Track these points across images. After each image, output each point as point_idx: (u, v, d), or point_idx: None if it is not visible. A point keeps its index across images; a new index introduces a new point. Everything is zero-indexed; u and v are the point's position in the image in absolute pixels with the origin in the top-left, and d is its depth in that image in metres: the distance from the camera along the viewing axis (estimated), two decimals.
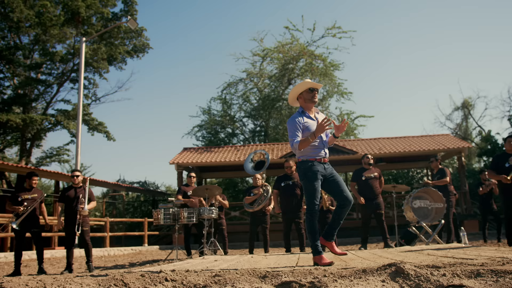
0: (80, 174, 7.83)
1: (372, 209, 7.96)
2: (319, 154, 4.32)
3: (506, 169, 6.61)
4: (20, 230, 7.31)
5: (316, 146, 4.31)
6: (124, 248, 15.44)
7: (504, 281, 2.57)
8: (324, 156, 4.35)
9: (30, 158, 21.11)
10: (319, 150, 4.32)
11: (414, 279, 2.69)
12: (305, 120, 4.33)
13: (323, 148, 4.36)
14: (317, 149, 4.32)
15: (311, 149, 4.30)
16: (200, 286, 2.88)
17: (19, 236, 7.44)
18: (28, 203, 7.38)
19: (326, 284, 2.75)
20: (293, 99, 4.58)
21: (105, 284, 2.98)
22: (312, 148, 4.31)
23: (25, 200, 7.40)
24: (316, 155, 4.31)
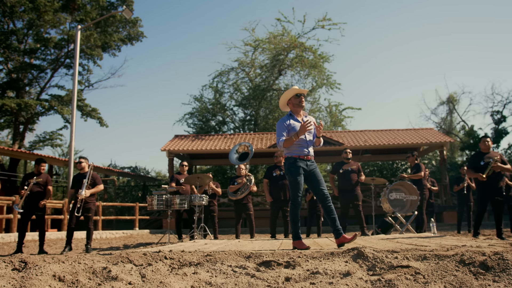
0: (84, 160, 8.19)
1: (351, 200, 8.55)
2: (303, 152, 4.86)
3: (481, 167, 7.22)
4: (25, 212, 7.73)
5: (300, 145, 4.86)
6: (115, 232, 15.95)
7: (443, 262, 3.15)
8: (307, 154, 4.88)
9: (23, 141, 21.44)
10: (302, 148, 4.87)
11: (372, 261, 3.27)
12: (291, 122, 4.89)
13: (307, 147, 4.90)
14: (301, 147, 4.87)
15: (296, 147, 4.86)
16: (194, 263, 3.43)
17: (23, 218, 7.88)
18: (32, 187, 7.80)
19: (299, 263, 3.32)
20: (283, 105, 5.13)
21: (113, 260, 3.52)
22: (297, 146, 4.86)
23: (29, 184, 7.82)
24: (300, 153, 4.86)
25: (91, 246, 8.17)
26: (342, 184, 8.67)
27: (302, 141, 4.87)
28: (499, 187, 7.11)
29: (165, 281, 2.92)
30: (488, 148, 7.34)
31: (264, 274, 3.10)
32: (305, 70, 25.71)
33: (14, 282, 2.89)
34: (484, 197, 7.24)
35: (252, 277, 3.03)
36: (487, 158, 7.24)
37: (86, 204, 7.85)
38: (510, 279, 2.77)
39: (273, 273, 3.15)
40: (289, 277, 3.00)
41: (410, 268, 3.07)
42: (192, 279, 3.05)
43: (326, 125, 26.88)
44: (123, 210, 24.60)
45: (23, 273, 3.07)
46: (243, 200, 9.03)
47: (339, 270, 3.08)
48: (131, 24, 21.17)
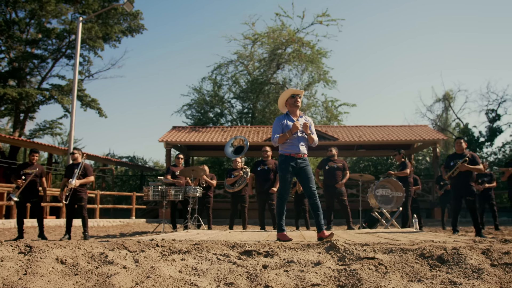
0: (77, 152, 8.53)
1: (335, 195, 8.93)
2: (294, 150, 5.22)
3: (451, 167, 7.64)
4: (20, 200, 8.11)
5: (291, 144, 5.22)
6: (113, 220, 16.34)
7: (406, 255, 3.52)
8: (298, 152, 5.23)
9: (23, 130, 21.76)
10: (293, 147, 5.23)
11: (342, 252, 3.64)
12: (286, 122, 5.24)
13: (298, 146, 5.24)
14: (292, 146, 5.23)
15: (287, 146, 5.23)
16: (183, 251, 3.79)
17: (19, 206, 8.25)
18: (27, 177, 8.17)
19: (277, 253, 3.69)
20: (282, 106, 5.50)
21: (110, 247, 3.88)
22: (288, 145, 5.22)
23: (25, 174, 8.19)
24: (292, 151, 5.22)
25: (89, 234, 8.52)
26: (327, 180, 9.04)
27: (294, 140, 5.23)
28: (467, 187, 7.47)
29: (155, 265, 3.28)
30: (462, 149, 7.71)
31: (244, 262, 3.47)
32: (303, 65, 25.99)
33: (21, 263, 3.24)
34: (456, 196, 7.64)
35: (234, 264, 3.39)
36: (456, 159, 7.64)
37: (78, 193, 8.18)
38: (461, 271, 3.14)
39: (252, 261, 3.51)
40: (266, 265, 3.36)
41: (375, 259, 3.43)
42: (180, 264, 3.41)
43: (322, 120, 27.21)
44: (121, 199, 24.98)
45: (29, 256, 3.42)
46: (240, 192, 9.36)
47: (311, 259, 3.45)
48: (132, 16, 21.42)
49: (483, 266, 3.18)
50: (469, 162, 7.53)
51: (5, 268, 3.10)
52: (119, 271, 3.14)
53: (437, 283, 2.87)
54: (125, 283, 2.92)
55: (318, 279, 3.02)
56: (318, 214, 5.14)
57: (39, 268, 3.15)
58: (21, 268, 3.16)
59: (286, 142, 5.22)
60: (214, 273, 3.22)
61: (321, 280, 3.00)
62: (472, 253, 3.45)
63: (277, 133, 5.23)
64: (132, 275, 3.08)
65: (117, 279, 2.95)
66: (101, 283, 2.90)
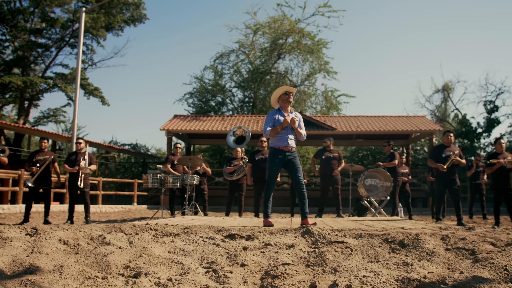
0: (83, 141, 8.93)
1: (331, 183, 9.30)
2: (283, 143, 5.61)
3: (442, 159, 7.97)
4: (34, 186, 8.51)
5: (281, 137, 5.62)
6: (115, 206, 16.82)
7: (372, 240, 3.92)
8: (286, 145, 5.62)
9: (28, 117, 22.20)
10: (282, 141, 5.62)
11: (316, 237, 4.04)
12: (278, 117, 5.62)
13: (287, 140, 5.63)
14: (281, 140, 5.63)
15: (277, 139, 5.63)
16: (174, 234, 4.21)
17: (32, 191, 8.65)
18: (40, 163, 8.56)
19: (257, 237, 4.09)
20: (274, 102, 5.87)
21: (108, 230, 4.30)
22: (278, 138, 5.62)
23: (38, 161, 8.58)
24: (280, 144, 5.61)
25: (90, 219, 8.96)
26: (323, 169, 9.41)
27: (283, 133, 5.62)
28: (453, 178, 7.85)
29: (147, 246, 3.69)
30: (450, 142, 8.06)
31: (227, 244, 3.88)
32: (303, 55, 26.24)
33: (28, 244, 3.66)
34: (442, 186, 8.01)
35: (217, 246, 3.80)
36: (447, 151, 7.97)
37: (84, 180, 8.61)
38: (417, 254, 3.54)
39: (234, 243, 3.92)
40: (246, 247, 3.77)
41: (344, 243, 3.83)
42: (170, 246, 3.83)
43: (322, 109, 27.53)
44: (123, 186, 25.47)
45: (35, 237, 3.84)
46: (239, 180, 9.75)
47: (286, 243, 3.85)
48: (134, 6, 21.70)
49: (437, 250, 3.58)
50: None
51: (14, 247, 3.52)
52: (115, 250, 3.55)
53: (392, 264, 3.27)
54: (119, 261, 3.33)
55: (289, 259, 3.42)
56: (304, 202, 5.55)
57: (44, 247, 3.56)
58: (28, 247, 3.57)
59: (277, 135, 5.61)
60: (199, 253, 3.63)
61: (292, 260, 3.40)
62: (430, 239, 3.85)
63: (268, 125, 5.62)
64: (126, 254, 3.49)
65: (112, 257, 3.36)
66: (98, 260, 3.31)
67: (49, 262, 3.25)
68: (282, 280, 2.97)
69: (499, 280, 2.91)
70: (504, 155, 8.17)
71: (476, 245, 3.73)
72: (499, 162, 8.02)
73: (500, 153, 8.21)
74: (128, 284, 2.89)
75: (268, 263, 3.35)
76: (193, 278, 2.97)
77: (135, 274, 3.08)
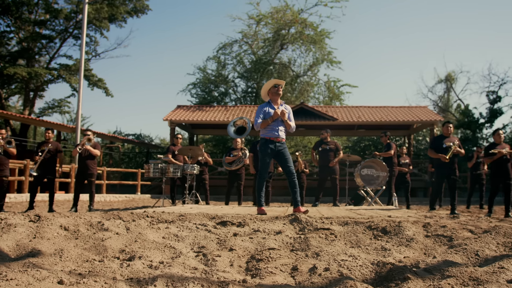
0: (91, 133, 9.13)
1: (329, 173, 9.50)
2: (274, 135, 5.79)
3: (443, 149, 8.11)
4: (38, 175, 8.74)
5: (271, 129, 5.80)
6: (119, 195, 17.11)
7: (356, 227, 4.12)
8: (276, 136, 5.80)
9: (33, 108, 22.48)
10: (272, 132, 5.80)
11: (303, 224, 4.24)
12: (268, 109, 5.80)
13: (277, 131, 5.81)
14: (271, 131, 5.81)
15: (267, 130, 5.81)
16: (169, 221, 4.43)
17: (36, 180, 8.89)
18: (44, 153, 8.80)
19: (248, 224, 4.30)
20: (264, 95, 6.04)
21: (107, 217, 4.52)
22: (268, 130, 5.80)
23: (42, 151, 8.81)
24: (271, 136, 5.80)
25: (94, 207, 9.22)
26: (321, 160, 9.61)
27: (273, 125, 5.80)
28: (453, 168, 8.02)
29: (142, 232, 3.91)
30: (450, 133, 8.21)
31: (218, 230, 4.09)
32: (306, 46, 26.31)
33: (31, 229, 3.88)
34: (441, 176, 8.16)
35: (209, 232, 4.02)
36: (447, 141, 8.11)
37: (89, 169, 8.84)
38: (397, 240, 3.74)
39: (225, 229, 4.14)
40: (236, 233, 3.98)
41: (329, 230, 4.04)
42: (164, 232, 4.04)
43: (324, 99, 27.63)
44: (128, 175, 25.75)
45: (38, 224, 4.07)
46: (238, 170, 9.96)
47: (274, 229, 4.06)
48: None
49: (417, 237, 3.78)
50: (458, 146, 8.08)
51: (18, 232, 3.75)
52: (112, 236, 3.77)
53: (372, 249, 3.47)
54: (116, 245, 3.55)
55: (275, 244, 3.63)
56: (295, 191, 5.74)
57: (46, 233, 3.79)
58: (31, 233, 3.80)
59: (267, 127, 5.79)
60: (191, 239, 3.85)
61: (278, 246, 3.61)
62: (412, 226, 4.04)
63: (259, 117, 5.80)
64: (122, 239, 3.71)
65: (109, 242, 3.58)
66: (96, 245, 3.54)
67: (50, 246, 3.47)
68: (266, 263, 3.18)
69: (468, 264, 3.11)
70: (502, 145, 8.31)
71: (455, 232, 3.92)
72: (500, 152, 8.17)
73: (499, 143, 8.35)
74: (123, 266, 3.10)
75: (255, 248, 3.56)
76: (183, 261, 3.18)
77: (129, 258, 3.29)
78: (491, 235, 3.71)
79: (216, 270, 3.06)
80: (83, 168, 8.80)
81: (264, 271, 3.05)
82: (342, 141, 29.66)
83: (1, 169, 8.15)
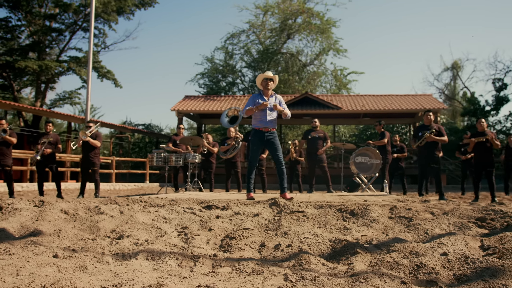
0: (93, 124, 9.60)
1: (316, 162, 9.87)
2: (263, 125, 6.17)
3: (419, 137, 8.47)
4: (40, 164, 9.24)
5: (259, 119, 6.18)
6: (128, 184, 17.67)
7: (328, 210, 4.51)
8: (266, 126, 6.17)
9: (44, 99, 23.13)
10: (262, 122, 6.17)
11: (281, 207, 4.64)
12: (259, 100, 6.16)
13: (266, 122, 6.17)
14: (260, 121, 6.18)
15: (256, 121, 6.19)
16: (160, 205, 4.86)
17: (39, 171, 9.42)
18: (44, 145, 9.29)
19: (231, 207, 4.72)
20: (259, 84, 6.39)
21: (104, 202, 4.97)
22: (257, 120, 6.19)
23: (42, 142, 9.30)
24: (260, 126, 6.18)
25: (100, 195, 9.72)
26: (309, 148, 9.98)
27: (262, 115, 6.18)
28: (434, 156, 8.32)
29: (134, 215, 4.35)
30: (430, 121, 8.51)
31: (202, 213, 4.52)
32: (313, 35, 26.52)
33: (35, 213, 4.34)
34: (423, 163, 8.50)
35: (194, 215, 4.44)
36: (424, 130, 8.46)
37: (91, 159, 9.30)
38: (362, 221, 4.12)
39: (209, 212, 4.56)
40: (218, 216, 4.40)
41: (302, 212, 4.43)
42: (154, 215, 4.48)
43: (331, 88, 27.88)
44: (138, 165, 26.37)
45: (41, 208, 4.53)
46: (232, 159, 10.38)
47: (253, 212, 4.47)
48: None
49: (380, 218, 4.16)
50: (436, 134, 8.35)
51: (22, 216, 4.21)
52: (106, 218, 4.21)
53: (335, 229, 3.87)
54: (108, 226, 3.99)
55: (251, 225, 4.04)
56: (283, 178, 6.14)
57: (48, 216, 4.24)
58: (34, 216, 4.25)
59: (257, 117, 6.17)
60: (177, 221, 4.28)
61: (253, 226, 4.02)
62: (378, 209, 4.42)
63: (248, 106, 6.18)
64: (115, 221, 4.15)
65: (103, 223, 4.02)
66: (91, 226, 3.98)
67: (50, 228, 3.92)
68: (238, 241, 3.59)
69: (417, 240, 3.49)
70: (485, 133, 8.60)
71: (417, 214, 4.29)
72: (471, 141, 8.52)
73: (481, 131, 8.64)
74: (112, 244, 3.54)
75: (232, 228, 3.97)
76: (165, 239, 3.61)
77: (119, 236, 3.73)
78: (447, 216, 4.09)
79: (192, 247, 3.48)
80: (86, 158, 9.28)
81: (235, 247, 3.46)
82: (350, 129, 29.93)
83: (1, 158, 8.62)
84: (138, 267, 2.99)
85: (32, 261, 3.03)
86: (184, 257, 3.18)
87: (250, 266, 2.95)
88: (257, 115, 6.17)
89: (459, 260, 2.91)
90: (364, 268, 2.91)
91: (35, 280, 2.56)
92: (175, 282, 2.59)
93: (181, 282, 2.63)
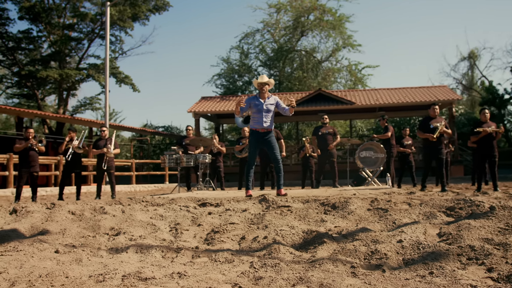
0: (107, 129, 10.10)
1: (326, 157, 10.14)
2: (259, 126, 6.49)
3: (430, 130, 8.62)
4: (66, 171, 9.75)
5: (256, 121, 6.50)
6: (148, 185, 18.25)
7: (313, 204, 4.83)
8: (262, 127, 6.49)
9: (67, 106, 24.01)
10: (259, 123, 6.49)
11: (270, 203, 4.99)
12: (255, 102, 6.48)
13: (262, 122, 6.48)
14: (257, 123, 6.51)
15: (254, 122, 6.52)
16: (159, 204, 5.27)
17: (65, 174, 9.93)
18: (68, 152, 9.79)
19: (223, 204, 5.09)
20: (256, 86, 6.70)
21: (109, 203, 5.41)
22: (255, 121, 6.51)
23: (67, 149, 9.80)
24: (257, 126, 6.50)
25: (116, 196, 10.22)
26: (319, 144, 10.25)
27: (259, 117, 6.51)
28: (440, 148, 8.51)
29: (134, 214, 4.76)
30: (436, 114, 8.69)
31: (196, 210, 4.90)
32: (326, 31, 26.67)
33: (45, 215, 4.80)
34: (429, 156, 8.67)
35: (188, 212, 4.83)
36: (434, 122, 8.60)
37: (108, 162, 9.80)
38: (340, 214, 4.43)
39: (202, 209, 4.94)
40: (210, 212, 4.78)
41: (288, 207, 4.76)
42: (152, 213, 4.88)
43: (347, 84, 27.97)
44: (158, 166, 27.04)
45: (51, 210, 4.99)
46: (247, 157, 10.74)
47: (242, 208, 4.83)
48: None
49: (357, 211, 4.46)
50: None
51: (34, 217, 4.67)
52: (108, 218, 4.63)
53: (312, 221, 4.20)
54: (109, 224, 4.41)
55: (238, 220, 4.39)
56: (279, 176, 6.48)
57: (56, 217, 4.69)
58: (44, 217, 4.71)
59: (254, 119, 6.51)
60: (172, 218, 4.67)
61: (240, 221, 4.38)
62: (357, 201, 4.72)
63: (244, 108, 6.50)
64: (115, 220, 4.57)
65: (103, 222, 4.45)
66: (93, 225, 4.41)
67: (57, 227, 4.36)
68: (221, 235, 3.96)
69: (384, 230, 3.80)
70: (488, 124, 8.72)
71: (393, 206, 4.58)
72: (484, 131, 8.60)
73: (485, 122, 8.76)
74: (109, 240, 3.96)
75: (219, 223, 4.34)
76: (156, 235, 4.01)
77: (116, 233, 4.14)
78: (421, 207, 4.36)
79: (179, 240, 3.87)
80: (102, 161, 9.79)
81: (217, 240, 3.84)
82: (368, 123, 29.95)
83: (33, 165, 9.12)
84: (127, 259, 3.39)
85: (36, 256, 3.47)
86: (168, 250, 3.57)
87: (225, 256, 3.31)
88: (254, 116, 6.49)
89: (412, 246, 3.21)
90: (326, 255, 3.24)
91: (34, 272, 2.98)
92: (153, 271, 2.98)
93: (158, 270, 3.02)
